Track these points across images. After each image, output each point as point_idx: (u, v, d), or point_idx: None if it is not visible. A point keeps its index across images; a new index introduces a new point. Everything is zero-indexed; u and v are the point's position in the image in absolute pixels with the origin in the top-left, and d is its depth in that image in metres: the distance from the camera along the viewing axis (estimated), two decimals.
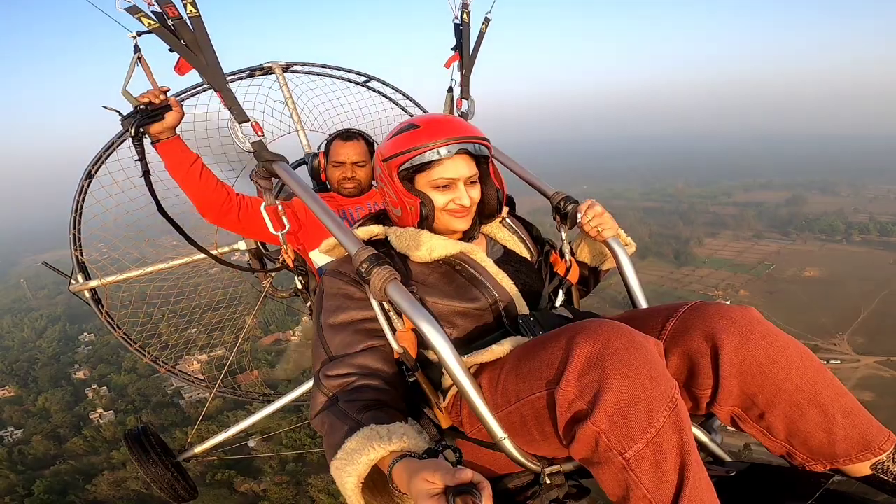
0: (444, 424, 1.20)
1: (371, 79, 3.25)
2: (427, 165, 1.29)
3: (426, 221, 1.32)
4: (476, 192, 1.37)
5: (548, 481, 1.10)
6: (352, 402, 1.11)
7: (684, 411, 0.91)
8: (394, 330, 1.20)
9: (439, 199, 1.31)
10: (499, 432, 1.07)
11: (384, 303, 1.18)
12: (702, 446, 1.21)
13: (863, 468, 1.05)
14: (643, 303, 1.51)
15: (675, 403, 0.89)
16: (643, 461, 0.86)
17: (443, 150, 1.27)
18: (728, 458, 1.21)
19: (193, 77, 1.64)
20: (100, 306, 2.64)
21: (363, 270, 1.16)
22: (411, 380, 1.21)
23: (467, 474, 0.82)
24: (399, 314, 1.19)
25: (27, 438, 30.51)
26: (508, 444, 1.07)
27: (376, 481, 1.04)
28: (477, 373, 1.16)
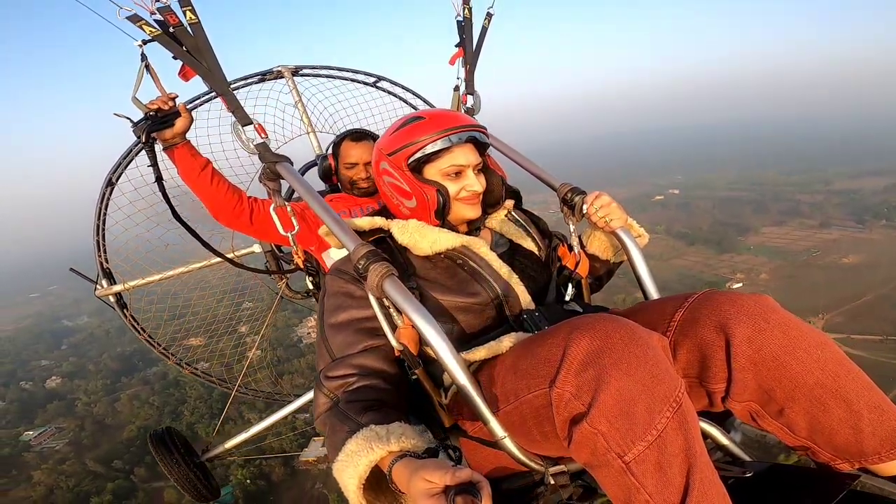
0: (447, 423, 1.17)
1: (381, 79, 3.25)
2: (436, 155, 1.30)
3: (444, 210, 1.32)
4: (483, 181, 1.38)
5: (552, 482, 1.06)
6: (352, 403, 1.10)
7: (691, 411, 0.86)
8: (394, 327, 1.18)
9: (451, 187, 1.32)
10: (499, 431, 1.04)
11: (383, 299, 1.17)
12: (719, 446, 1.15)
13: (893, 467, 0.97)
14: (654, 294, 1.45)
15: (680, 403, 0.84)
16: (645, 464, 0.81)
17: (453, 138, 1.29)
18: (747, 458, 1.14)
19: (200, 83, 1.67)
20: (124, 310, 2.73)
21: (360, 267, 1.15)
22: (413, 377, 1.20)
23: (466, 473, 0.81)
24: (399, 311, 1.18)
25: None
26: (510, 444, 1.04)
27: (380, 481, 1.03)
28: (477, 370, 1.14)
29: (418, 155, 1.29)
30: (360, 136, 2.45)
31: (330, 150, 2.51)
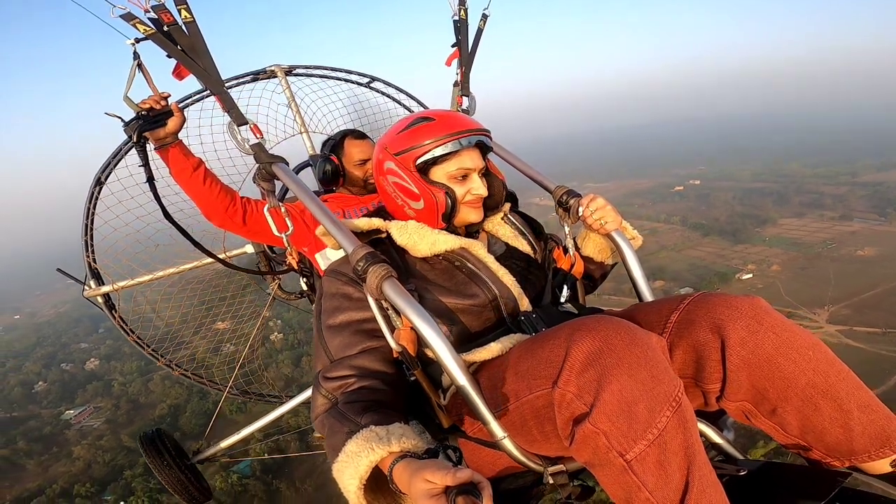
0: (445, 423, 1.17)
1: (374, 79, 3.24)
2: (444, 157, 1.30)
3: (452, 212, 1.32)
4: (486, 184, 1.39)
5: (551, 481, 1.07)
6: (351, 404, 1.10)
7: (689, 410, 0.87)
8: (392, 329, 1.18)
9: (457, 190, 1.32)
10: (498, 432, 1.04)
11: (382, 301, 1.17)
12: (713, 445, 1.17)
13: (882, 465, 1.00)
14: (648, 296, 1.47)
15: (679, 402, 0.86)
16: (646, 463, 0.82)
17: (463, 141, 1.29)
18: (740, 457, 1.16)
19: (194, 82, 1.66)
20: (113, 311, 2.69)
21: (359, 269, 1.15)
22: (412, 378, 1.20)
23: (467, 474, 0.81)
24: (398, 312, 1.18)
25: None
26: (509, 444, 1.05)
27: (380, 482, 1.03)
28: (477, 371, 1.14)
29: (427, 157, 1.29)
30: (360, 134, 2.47)
31: (327, 151, 2.50)
